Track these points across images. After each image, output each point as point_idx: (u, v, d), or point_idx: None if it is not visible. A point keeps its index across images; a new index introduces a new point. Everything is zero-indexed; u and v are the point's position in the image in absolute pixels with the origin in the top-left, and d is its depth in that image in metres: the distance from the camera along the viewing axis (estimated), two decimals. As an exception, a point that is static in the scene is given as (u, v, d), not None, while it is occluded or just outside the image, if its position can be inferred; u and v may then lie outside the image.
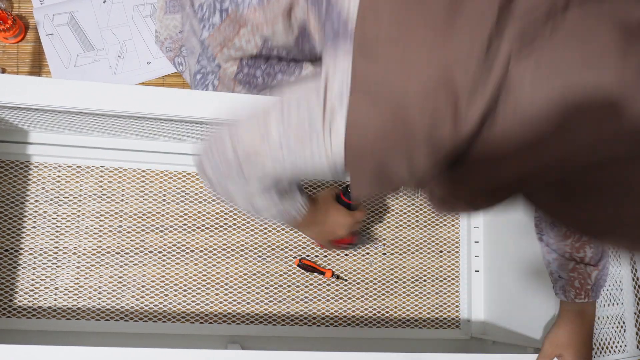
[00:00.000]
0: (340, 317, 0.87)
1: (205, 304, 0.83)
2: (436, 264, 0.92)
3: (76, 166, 0.82)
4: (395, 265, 0.91)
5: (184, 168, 0.85)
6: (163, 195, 0.85)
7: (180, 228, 0.84)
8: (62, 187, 0.82)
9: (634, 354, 0.90)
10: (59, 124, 0.73)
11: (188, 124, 0.69)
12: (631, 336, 0.92)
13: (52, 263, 0.80)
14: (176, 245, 0.84)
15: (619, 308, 0.93)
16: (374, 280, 0.90)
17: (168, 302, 0.82)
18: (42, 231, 0.80)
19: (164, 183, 0.85)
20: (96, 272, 0.81)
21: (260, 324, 0.84)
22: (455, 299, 0.92)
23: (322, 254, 0.88)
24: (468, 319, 0.91)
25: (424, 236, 0.93)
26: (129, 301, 0.81)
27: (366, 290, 0.89)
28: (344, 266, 0.89)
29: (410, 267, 0.91)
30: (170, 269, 0.83)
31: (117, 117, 0.66)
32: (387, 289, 0.90)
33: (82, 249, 0.81)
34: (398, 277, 0.91)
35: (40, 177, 0.81)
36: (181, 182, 0.86)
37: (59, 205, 0.81)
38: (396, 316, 0.89)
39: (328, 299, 0.87)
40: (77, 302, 0.80)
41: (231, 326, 0.83)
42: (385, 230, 0.92)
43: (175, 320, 0.82)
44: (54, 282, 0.80)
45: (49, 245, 0.80)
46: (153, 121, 0.69)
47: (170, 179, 0.85)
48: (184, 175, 0.86)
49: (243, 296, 0.85)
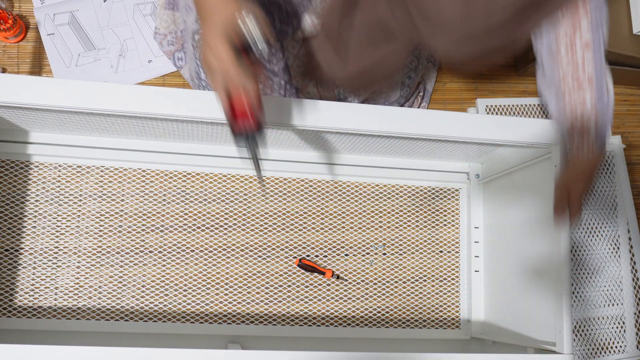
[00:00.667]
0: (341, 317, 0.88)
1: (206, 304, 0.84)
2: (436, 264, 0.93)
3: (76, 166, 0.83)
4: (395, 266, 0.91)
5: (185, 168, 0.86)
6: (163, 195, 0.85)
7: (181, 228, 0.85)
8: (62, 187, 0.82)
9: (634, 354, 0.91)
10: (60, 124, 0.74)
11: (189, 123, 0.69)
12: (631, 336, 0.93)
13: (53, 263, 0.81)
14: (176, 245, 0.84)
15: (619, 308, 0.94)
16: (374, 280, 0.90)
17: (168, 302, 0.83)
18: (43, 231, 0.81)
19: (164, 183, 0.85)
20: (96, 272, 0.81)
21: (260, 324, 0.85)
22: (456, 299, 0.92)
23: (323, 254, 0.89)
24: (468, 319, 0.91)
25: (424, 236, 0.93)
26: (129, 301, 0.82)
27: (366, 290, 0.90)
28: (344, 266, 0.90)
29: (410, 267, 0.92)
30: (171, 269, 0.84)
31: (118, 117, 0.67)
32: (387, 289, 0.90)
33: (82, 248, 0.81)
34: (398, 277, 0.91)
35: (41, 177, 0.82)
36: (181, 182, 0.86)
37: (59, 205, 0.82)
38: (396, 316, 0.90)
39: (328, 299, 0.88)
40: (77, 302, 0.80)
41: (231, 326, 0.84)
42: (385, 230, 0.92)
43: (175, 320, 0.82)
44: (54, 282, 0.80)
45: (49, 245, 0.81)
46: (154, 121, 0.69)
47: (170, 179, 0.86)
48: (185, 175, 0.86)
49: (243, 296, 0.85)
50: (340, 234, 0.90)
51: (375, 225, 0.92)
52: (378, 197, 0.93)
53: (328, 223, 0.90)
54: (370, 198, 0.93)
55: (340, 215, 0.91)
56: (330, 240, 0.90)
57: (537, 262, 0.77)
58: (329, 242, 0.90)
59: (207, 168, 0.86)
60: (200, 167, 0.86)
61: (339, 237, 0.90)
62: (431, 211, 0.94)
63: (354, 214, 0.91)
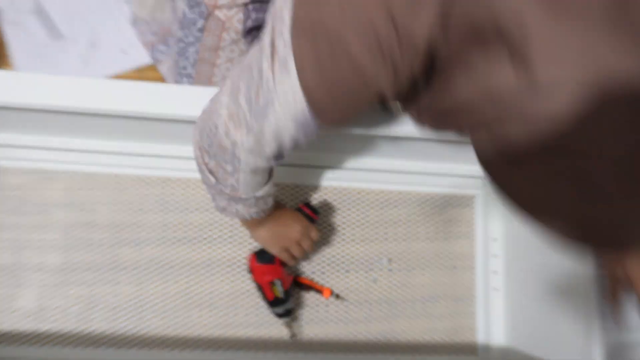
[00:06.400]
0: (340, 342, 0.87)
1: (187, 328, 0.83)
2: (449, 281, 0.92)
3: (41, 170, 0.82)
4: (403, 283, 0.91)
5: (163, 173, 0.85)
6: (139, 203, 0.85)
7: (159, 241, 0.84)
8: (24, 195, 0.82)
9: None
10: (22, 123, 0.73)
11: (170, 123, 0.69)
12: None
13: (12, 282, 0.80)
14: (154, 261, 0.84)
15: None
16: (379, 300, 0.90)
17: (144, 326, 0.82)
18: (1, 245, 0.80)
19: (140, 190, 0.85)
20: (62, 292, 0.80)
21: (250, 350, 0.84)
22: (472, 322, 0.92)
23: (320, 270, 0.88)
24: (486, 345, 0.90)
25: (435, 249, 0.93)
26: (99, 325, 0.81)
27: (369, 311, 0.89)
28: (344, 284, 0.89)
29: (419, 285, 0.91)
30: (147, 288, 0.83)
31: (88, 115, 0.66)
32: (393, 311, 0.90)
33: (46, 265, 0.81)
34: (406, 296, 0.91)
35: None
36: (160, 189, 0.85)
37: (21, 215, 0.81)
38: (404, 342, 0.89)
39: (326, 321, 0.87)
40: (40, 326, 0.79)
41: (217, 352, 0.83)
42: (391, 243, 0.92)
43: (152, 347, 0.81)
44: (13, 303, 0.79)
45: (8, 261, 0.80)
46: (130, 120, 0.69)
47: (147, 185, 0.85)
48: (163, 181, 0.86)
49: (230, 318, 0.85)
50: (339, 247, 0.90)
51: (379, 237, 0.91)
52: (383, 205, 0.93)
53: (326, 234, 0.89)
54: (374, 206, 0.92)
55: (339, 226, 0.90)
56: (329, 255, 0.89)
57: (565, 279, 0.77)
58: (327, 257, 0.89)
59: (190, 172, 0.85)
60: (182, 171, 0.85)
61: (338, 251, 0.90)
62: (443, 221, 0.94)
63: (356, 224, 0.91)
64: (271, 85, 0.46)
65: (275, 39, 0.45)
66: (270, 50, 0.45)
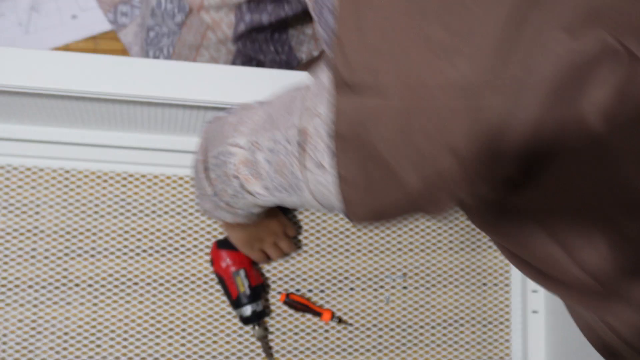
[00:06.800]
0: (344, 376, 0.86)
1: (154, 358, 0.82)
2: (478, 301, 0.91)
3: (-29, 164, 0.81)
4: (420, 304, 0.90)
5: (125, 167, 0.83)
6: (95, 205, 0.83)
7: (119, 252, 0.83)
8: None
9: None
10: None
11: (133, 105, 0.68)
12: None
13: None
14: (112, 276, 0.82)
15: None
16: (391, 324, 0.88)
17: (101, 356, 0.80)
18: None
19: (96, 189, 0.83)
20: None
21: (231, 386, 0.83)
22: (506, 350, 0.91)
23: (318, 287, 0.87)
24: (522, 379, 0.90)
25: (459, 263, 0.92)
26: (45, 354, 0.79)
27: (379, 338, 0.88)
28: (348, 305, 0.88)
29: (441, 305, 0.90)
30: (105, 309, 0.81)
31: (28, 95, 0.65)
32: (408, 337, 0.88)
33: (-21, 281, 0.78)
34: (424, 319, 0.89)
35: None
36: (120, 187, 0.84)
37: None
38: (422, 375, 0.88)
39: (326, 350, 0.86)
40: (-28, 357, 0.78)
41: (190, 390, 0.82)
42: (405, 255, 0.91)
43: (111, 382, 0.80)
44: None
45: None
46: (82, 102, 0.68)
47: (105, 182, 0.83)
48: (124, 178, 0.84)
49: (207, 347, 0.83)
50: (342, 259, 0.88)
51: (391, 248, 0.90)
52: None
53: (326, 245, 0.88)
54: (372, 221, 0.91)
55: (342, 233, 0.89)
56: (329, 269, 0.88)
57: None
58: (328, 271, 0.88)
59: (157, 167, 0.84)
60: (148, 165, 0.84)
61: (341, 264, 0.88)
62: (469, 228, 0.93)
63: (363, 230, 0.90)
64: (298, 175, 0.49)
65: (309, 134, 0.47)
66: (300, 141, 0.48)
